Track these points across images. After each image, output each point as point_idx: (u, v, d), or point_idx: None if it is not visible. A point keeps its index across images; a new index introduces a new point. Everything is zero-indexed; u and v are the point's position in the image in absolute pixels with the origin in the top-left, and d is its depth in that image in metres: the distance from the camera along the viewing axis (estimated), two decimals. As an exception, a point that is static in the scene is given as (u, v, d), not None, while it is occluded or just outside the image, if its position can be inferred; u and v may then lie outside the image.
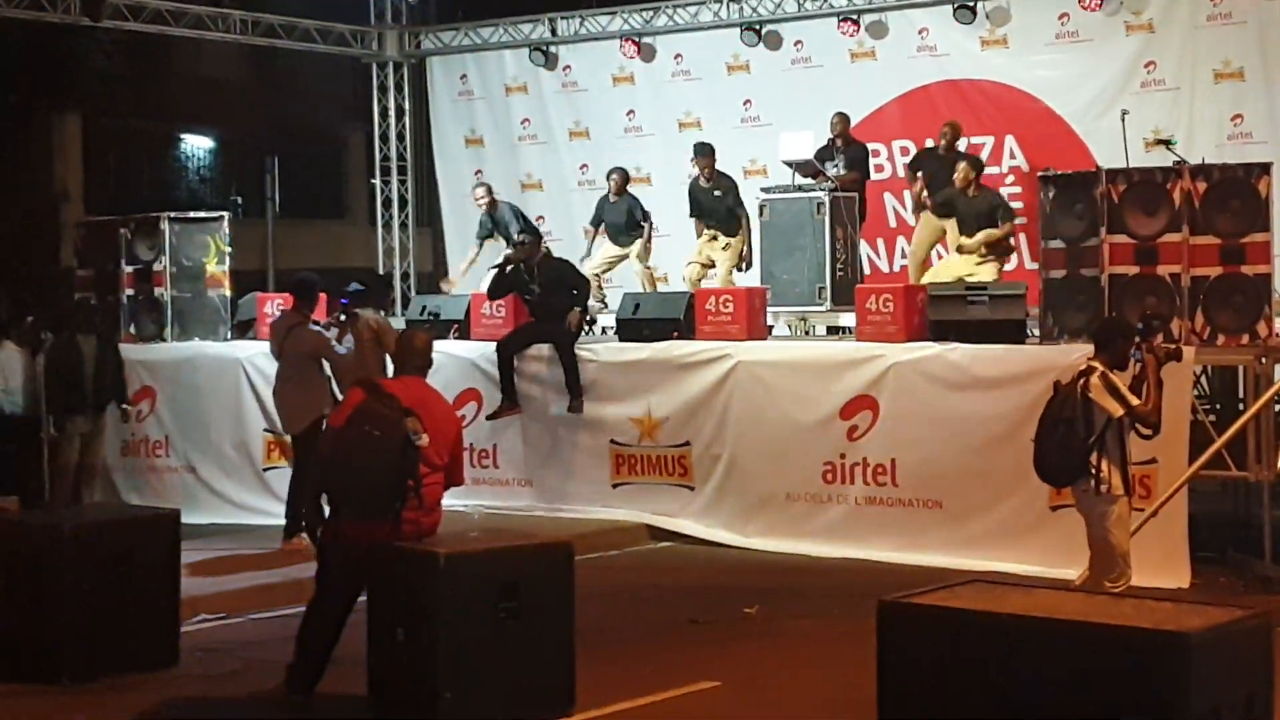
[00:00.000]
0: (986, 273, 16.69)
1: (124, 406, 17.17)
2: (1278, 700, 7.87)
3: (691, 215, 19.08)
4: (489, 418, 16.51)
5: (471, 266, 20.48)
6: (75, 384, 16.50)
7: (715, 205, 18.71)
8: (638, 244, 19.27)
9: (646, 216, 19.32)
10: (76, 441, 16.64)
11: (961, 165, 17.23)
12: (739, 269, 18.69)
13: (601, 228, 19.47)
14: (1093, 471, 10.54)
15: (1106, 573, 10.72)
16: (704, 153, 18.87)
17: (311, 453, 12.48)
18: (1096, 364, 10.69)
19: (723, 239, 18.64)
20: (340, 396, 13.29)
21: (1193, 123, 18.50)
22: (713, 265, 18.73)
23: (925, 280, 17.00)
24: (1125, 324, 11.41)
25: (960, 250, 17.06)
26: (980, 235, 16.81)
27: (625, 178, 19.51)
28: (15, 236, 26.59)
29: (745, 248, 18.64)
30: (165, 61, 29.53)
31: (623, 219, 19.29)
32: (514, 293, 16.89)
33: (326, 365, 15.34)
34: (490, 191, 20.63)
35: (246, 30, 23.06)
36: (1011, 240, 17.43)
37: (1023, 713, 7.59)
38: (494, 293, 17.11)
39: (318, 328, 15.41)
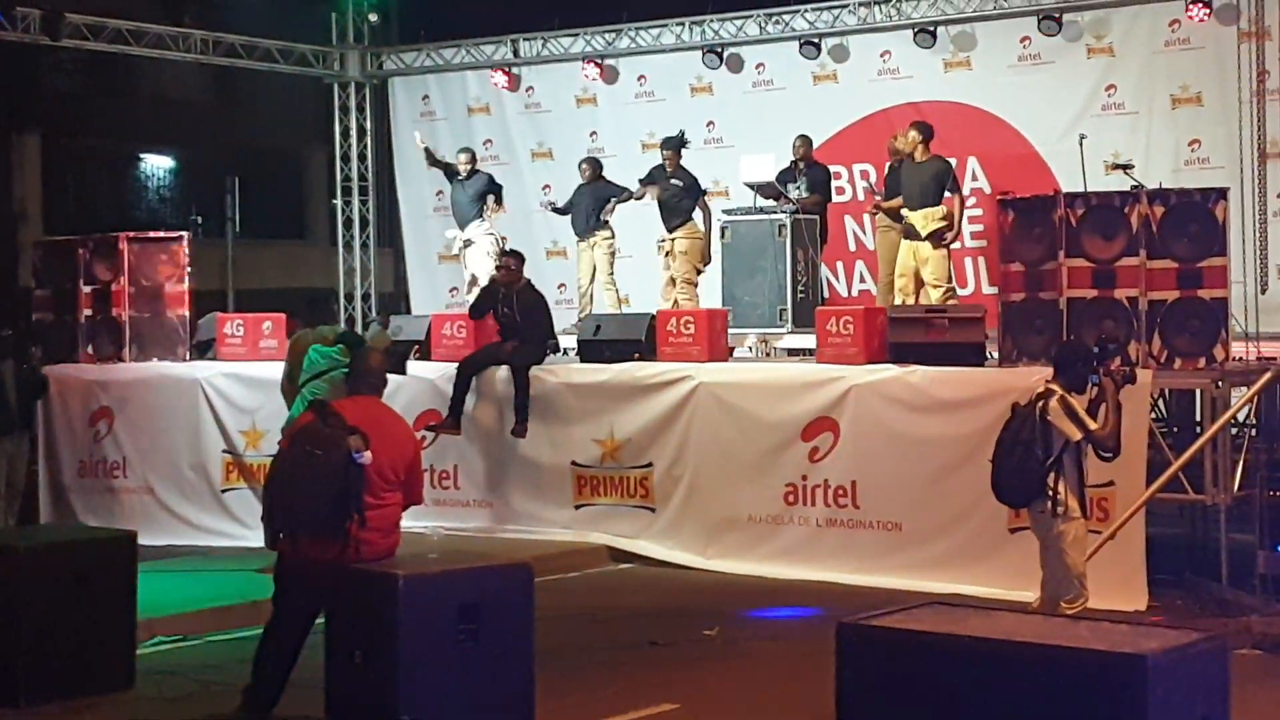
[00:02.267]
0: (937, 266, 16.91)
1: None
2: (1234, 723, 7.90)
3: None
4: (427, 429, 16.37)
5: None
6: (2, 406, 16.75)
7: (670, 199, 18.67)
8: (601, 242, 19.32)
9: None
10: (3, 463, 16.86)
11: (911, 132, 17.30)
12: (699, 270, 18.73)
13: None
14: (1050, 494, 10.57)
15: (1063, 594, 10.75)
16: (671, 145, 18.92)
17: None
18: (1055, 387, 10.72)
19: (680, 244, 18.58)
20: None
21: (1150, 147, 18.61)
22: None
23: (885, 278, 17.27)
24: (1084, 348, 11.40)
25: (908, 236, 17.17)
26: (921, 220, 16.92)
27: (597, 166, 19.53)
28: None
29: (705, 244, 18.64)
30: (126, 81, 29.52)
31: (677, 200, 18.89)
32: (491, 312, 16.89)
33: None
34: (473, 158, 20.71)
35: (208, 50, 23.07)
36: (960, 216, 17.48)
37: (983, 736, 7.62)
38: (475, 312, 17.16)
39: None
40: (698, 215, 18.71)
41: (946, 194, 17.12)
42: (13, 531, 14.97)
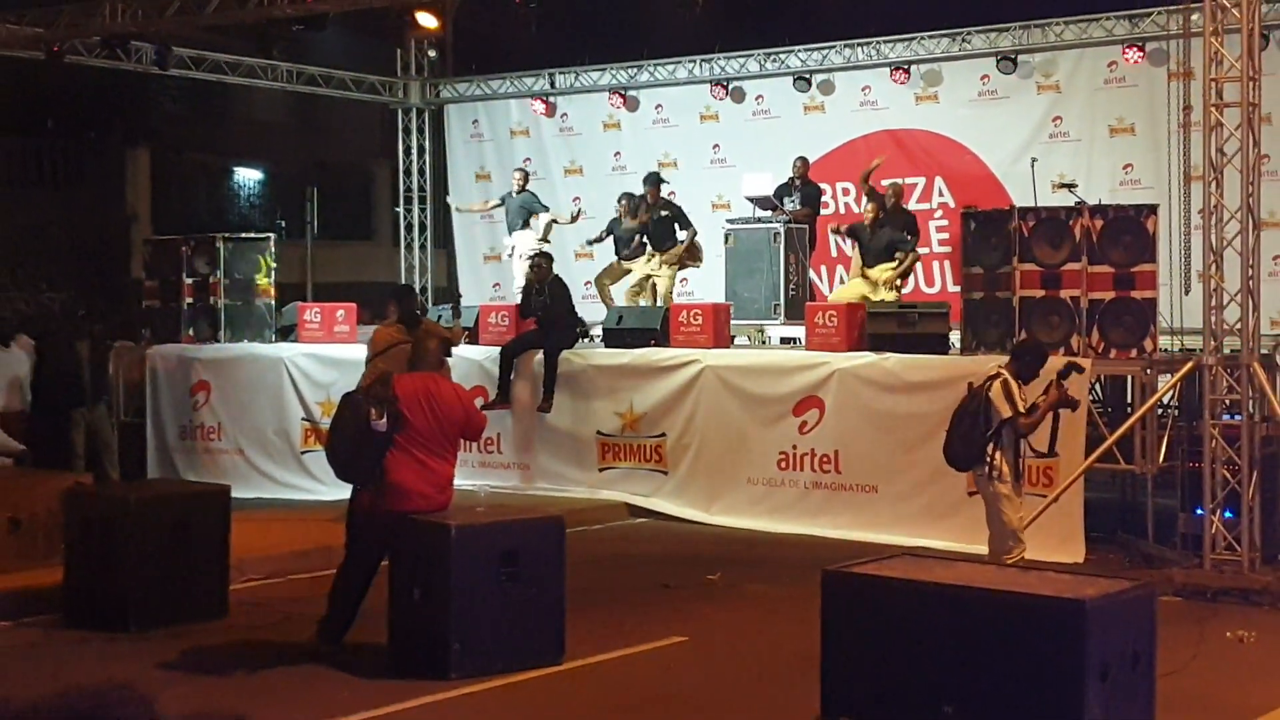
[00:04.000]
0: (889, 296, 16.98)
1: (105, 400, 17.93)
2: (1159, 657, 7.91)
3: (610, 237, 19.09)
4: (482, 407, 16.38)
5: (482, 210, 21.26)
6: (75, 381, 17.14)
7: (658, 228, 18.66)
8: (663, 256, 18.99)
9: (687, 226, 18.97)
10: (83, 426, 17.11)
11: (870, 205, 17.46)
12: (684, 265, 18.83)
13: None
14: (988, 460, 10.60)
15: (1001, 550, 10.76)
16: (652, 182, 18.93)
17: None
18: (1004, 371, 10.74)
19: (658, 257, 18.62)
20: None
21: (1091, 169, 18.60)
22: (642, 287, 18.76)
23: (831, 298, 17.20)
24: (1041, 347, 11.50)
25: (865, 277, 17.24)
26: (877, 273, 17.11)
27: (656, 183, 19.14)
28: (93, 252, 26.54)
29: (685, 252, 18.67)
30: (222, 105, 29.50)
31: (666, 228, 18.84)
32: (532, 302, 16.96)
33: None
34: (525, 177, 20.82)
35: (292, 79, 23.07)
36: (909, 266, 17.55)
37: (942, 667, 7.62)
38: (525, 311, 17.18)
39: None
40: (680, 234, 18.74)
41: (899, 252, 17.22)
42: (124, 485, 15.02)
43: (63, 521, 11.37)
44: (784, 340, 17.30)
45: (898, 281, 17.26)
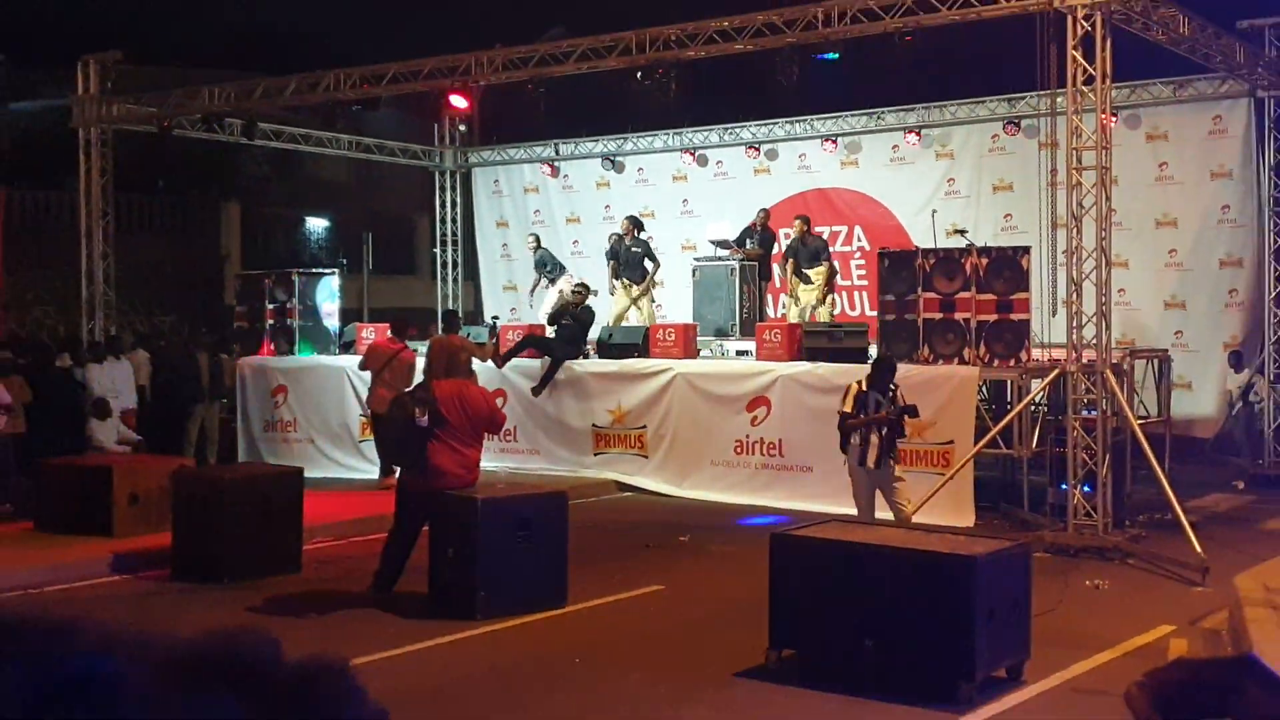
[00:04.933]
0: (824, 311, 17.16)
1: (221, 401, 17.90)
2: (1033, 601, 7.93)
3: (608, 262, 19.02)
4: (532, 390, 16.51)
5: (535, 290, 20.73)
6: (195, 383, 17.15)
7: (631, 258, 18.71)
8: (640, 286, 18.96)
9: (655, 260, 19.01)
10: (200, 420, 17.13)
11: (797, 221, 17.69)
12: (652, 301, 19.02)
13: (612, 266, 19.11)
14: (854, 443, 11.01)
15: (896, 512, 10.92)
16: (633, 221, 19.02)
17: None
18: (861, 378, 10.92)
19: (634, 289, 18.64)
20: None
21: (978, 219, 18.63)
22: (625, 313, 18.69)
23: (793, 313, 17.31)
24: (890, 362, 11.60)
25: (799, 279, 17.36)
26: (813, 275, 17.23)
27: (636, 224, 19.17)
28: (195, 284, 26.54)
29: (650, 286, 18.82)
30: (296, 168, 29.47)
31: (637, 259, 18.83)
32: (561, 318, 17.11)
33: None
34: (538, 241, 20.83)
35: (351, 147, 23.02)
36: (833, 274, 17.79)
37: (864, 609, 7.64)
38: (551, 320, 17.31)
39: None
40: (648, 266, 18.81)
41: (822, 261, 17.35)
42: (221, 468, 15.00)
43: (171, 496, 11.36)
44: (739, 352, 17.31)
45: (829, 291, 17.50)
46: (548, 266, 20.34)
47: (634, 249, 18.78)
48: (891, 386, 11.07)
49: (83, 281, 19.73)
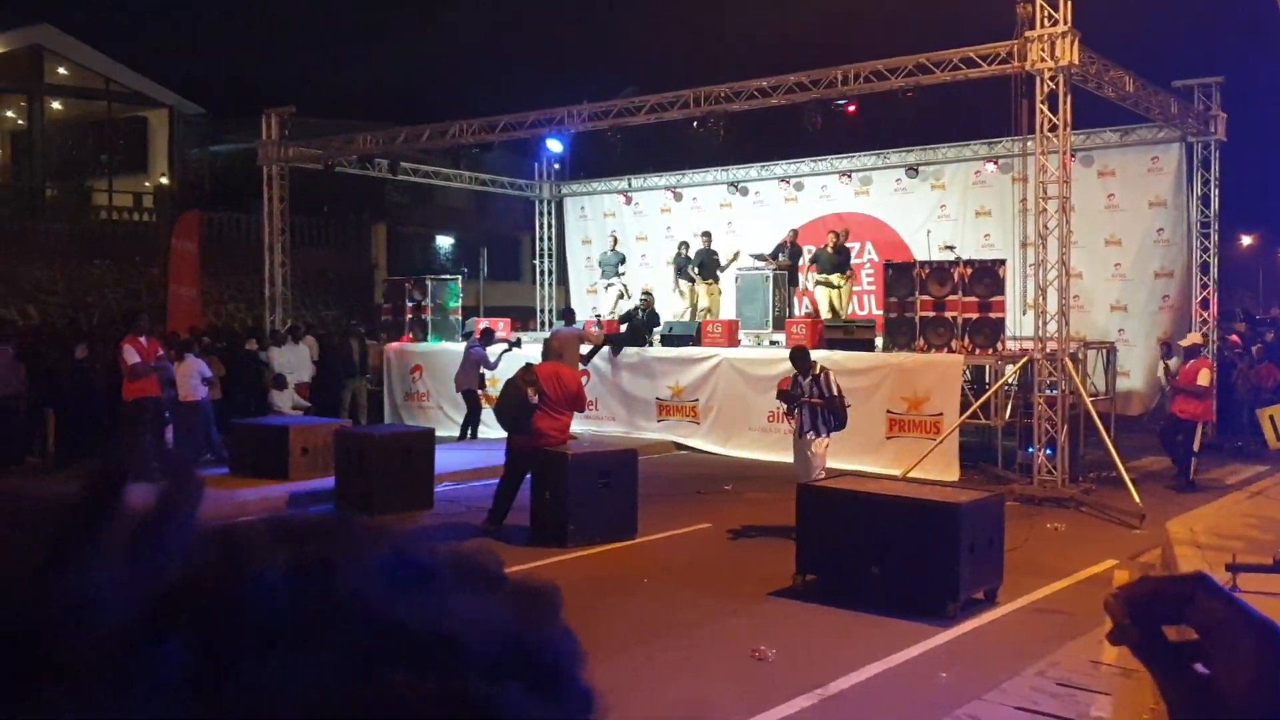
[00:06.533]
0: (845, 294, 17.13)
1: (367, 377, 17.93)
2: (1005, 539, 7.86)
3: (686, 266, 18.87)
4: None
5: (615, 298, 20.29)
6: (349, 363, 17.27)
7: (709, 260, 18.62)
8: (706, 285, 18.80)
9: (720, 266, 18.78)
10: (350, 391, 17.24)
11: (831, 235, 17.55)
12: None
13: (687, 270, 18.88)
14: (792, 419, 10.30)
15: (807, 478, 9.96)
16: (707, 234, 19.03)
17: None
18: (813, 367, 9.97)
19: (712, 286, 18.54)
20: None
21: (964, 238, 18.36)
22: (696, 306, 18.56)
23: (824, 306, 17.11)
24: (801, 352, 10.58)
25: (820, 283, 17.23)
26: (834, 279, 17.12)
27: (709, 237, 19.06)
28: (351, 286, 26.86)
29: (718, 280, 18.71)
30: (429, 196, 29.68)
31: (714, 262, 18.73)
32: (632, 318, 17.06)
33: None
34: (615, 240, 20.89)
35: (471, 181, 23.15)
36: (850, 277, 17.67)
37: (871, 543, 7.61)
38: (624, 319, 17.21)
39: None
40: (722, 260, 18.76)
41: (845, 268, 17.25)
42: (371, 428, 15.10)
43: (333, 449, 11.51)
44: (772, 342, 17.24)
45: (849, 290, 17.46)
46: (613, 266, 20.33)
47: (714, 253, 18.75)
48: (818, 373, 10.02)
49: (265, 284, 20.03)
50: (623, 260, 20.56)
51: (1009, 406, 13.49)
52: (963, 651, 6.76)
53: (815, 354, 14.70)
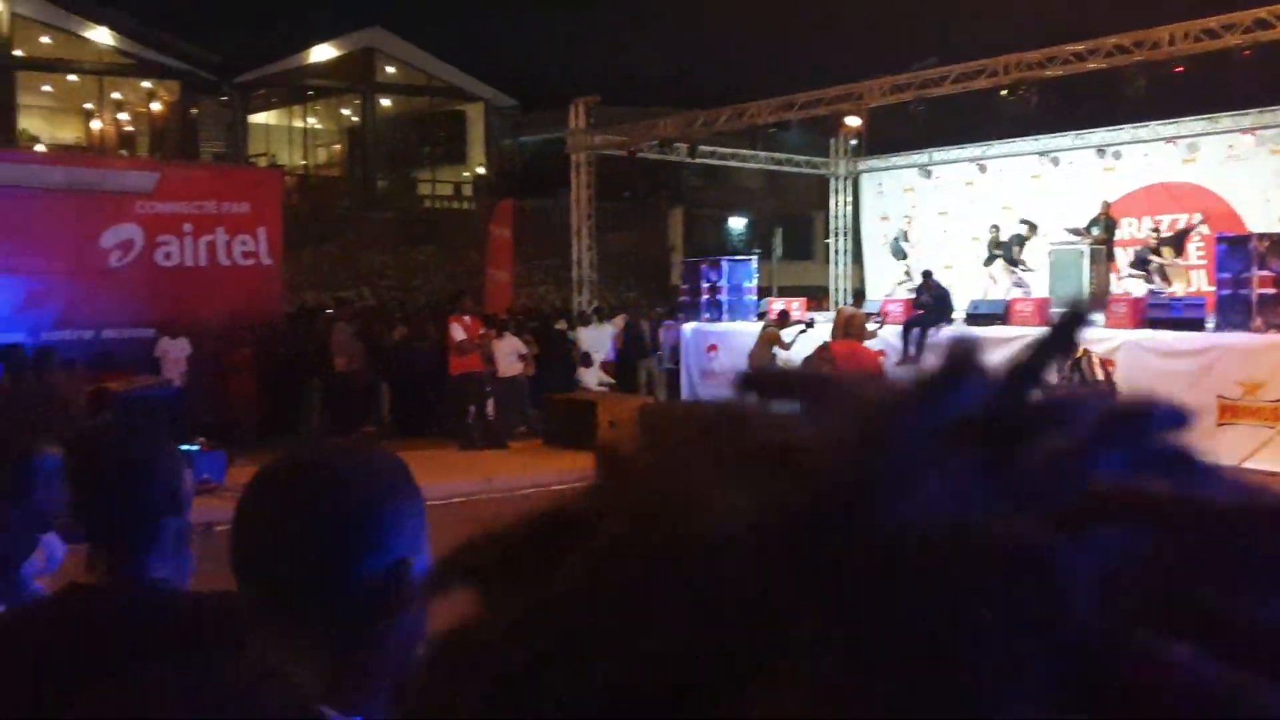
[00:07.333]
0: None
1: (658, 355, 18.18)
2: None
3: (1004, 248, 18.13)
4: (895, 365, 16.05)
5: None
6: (642, 343, 17.82)
7: (1013, 241, 17.98)
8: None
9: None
10: (645, 372, 17.74)
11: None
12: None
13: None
14: None
15: None
16: (1026, 223, 18.18)
17: None
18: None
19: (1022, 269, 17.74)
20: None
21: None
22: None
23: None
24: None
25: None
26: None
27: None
28: (651, 268, 27.68)
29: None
30: (723, 177, 30.05)
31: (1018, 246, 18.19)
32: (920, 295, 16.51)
33: None
34: (909, 222, 20.62)
35: (767, 161, 23.25)
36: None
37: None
38: (915, 304, 16.50)
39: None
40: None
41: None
42: (668, 404, 15.52)
43: (638, 423, 11.90)
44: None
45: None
46: (900, 250, 19.91)
47: (1028, 237, 18.04)
48: (1080, 358, 9.39)
49: (573, 266, 21.00)
50: (899, 245, 19.99)
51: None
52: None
53: (1127, 334, 13.79)
